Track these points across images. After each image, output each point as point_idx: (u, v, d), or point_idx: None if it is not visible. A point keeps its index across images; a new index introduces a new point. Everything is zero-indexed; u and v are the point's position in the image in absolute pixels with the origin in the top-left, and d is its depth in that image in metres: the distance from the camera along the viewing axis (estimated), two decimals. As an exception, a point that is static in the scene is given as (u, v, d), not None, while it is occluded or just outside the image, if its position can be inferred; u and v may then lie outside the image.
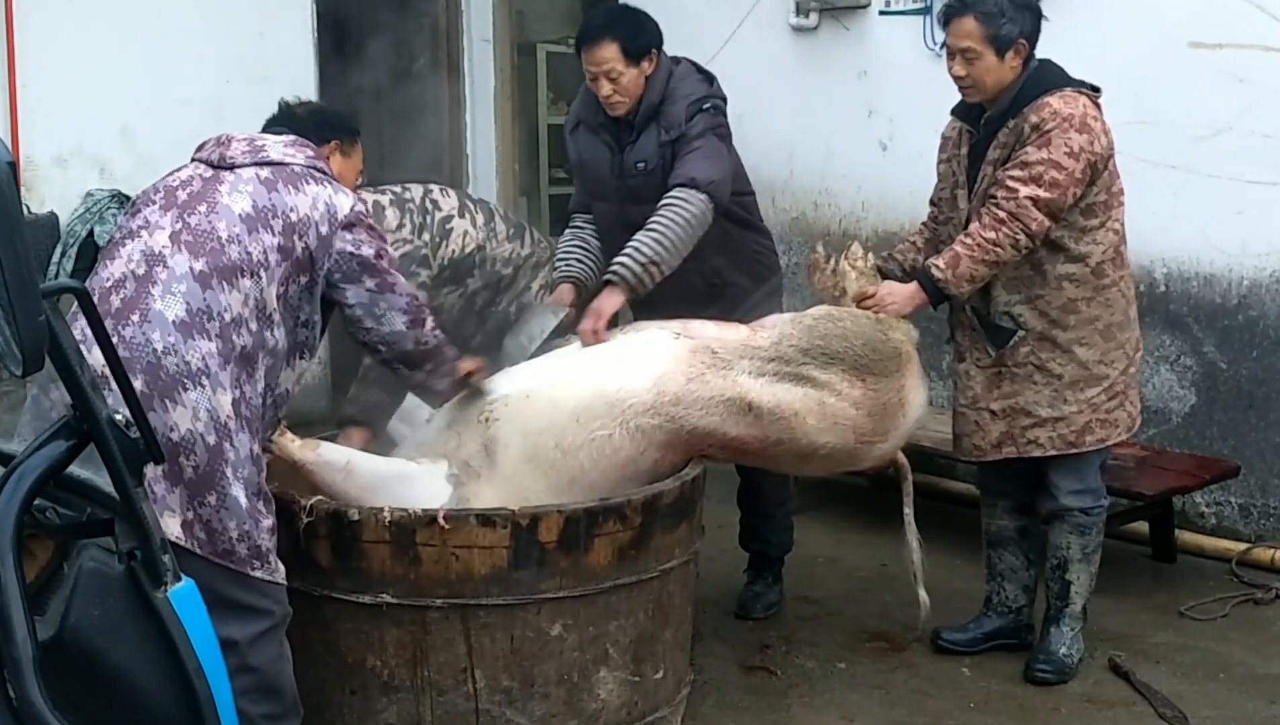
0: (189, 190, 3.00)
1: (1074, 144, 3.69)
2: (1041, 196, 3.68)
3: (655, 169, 4.00)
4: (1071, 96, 3.76)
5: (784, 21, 6.09)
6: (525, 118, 7.85)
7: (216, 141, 3.10)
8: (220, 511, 2.81)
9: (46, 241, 5.81)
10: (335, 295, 3.05)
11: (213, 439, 2.79)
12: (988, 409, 3.95)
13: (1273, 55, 4.76)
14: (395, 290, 3.10)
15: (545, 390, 3.49)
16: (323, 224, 2.97)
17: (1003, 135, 3.80)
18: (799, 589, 4.65)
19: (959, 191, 3.94)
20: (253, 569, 2.87)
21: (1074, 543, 3.96)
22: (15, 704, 1.93)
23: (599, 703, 3.36)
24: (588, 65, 4.02)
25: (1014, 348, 3.88)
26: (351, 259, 3.02)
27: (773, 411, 3.56)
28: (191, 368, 2.78)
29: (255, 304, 2.89)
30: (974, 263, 3.76)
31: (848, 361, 3.65)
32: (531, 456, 3.43)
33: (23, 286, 1.81)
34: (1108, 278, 3.84)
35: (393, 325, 3.12)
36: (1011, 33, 3.74)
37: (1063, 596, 4.01)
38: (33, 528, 2.12)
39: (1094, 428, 3.88)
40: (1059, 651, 3.99)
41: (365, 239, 3.04)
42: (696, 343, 3.60)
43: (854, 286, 3.92)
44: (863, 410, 3.67)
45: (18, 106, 5.75)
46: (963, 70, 3.81)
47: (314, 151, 3.11)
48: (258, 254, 2.90)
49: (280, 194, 2.96)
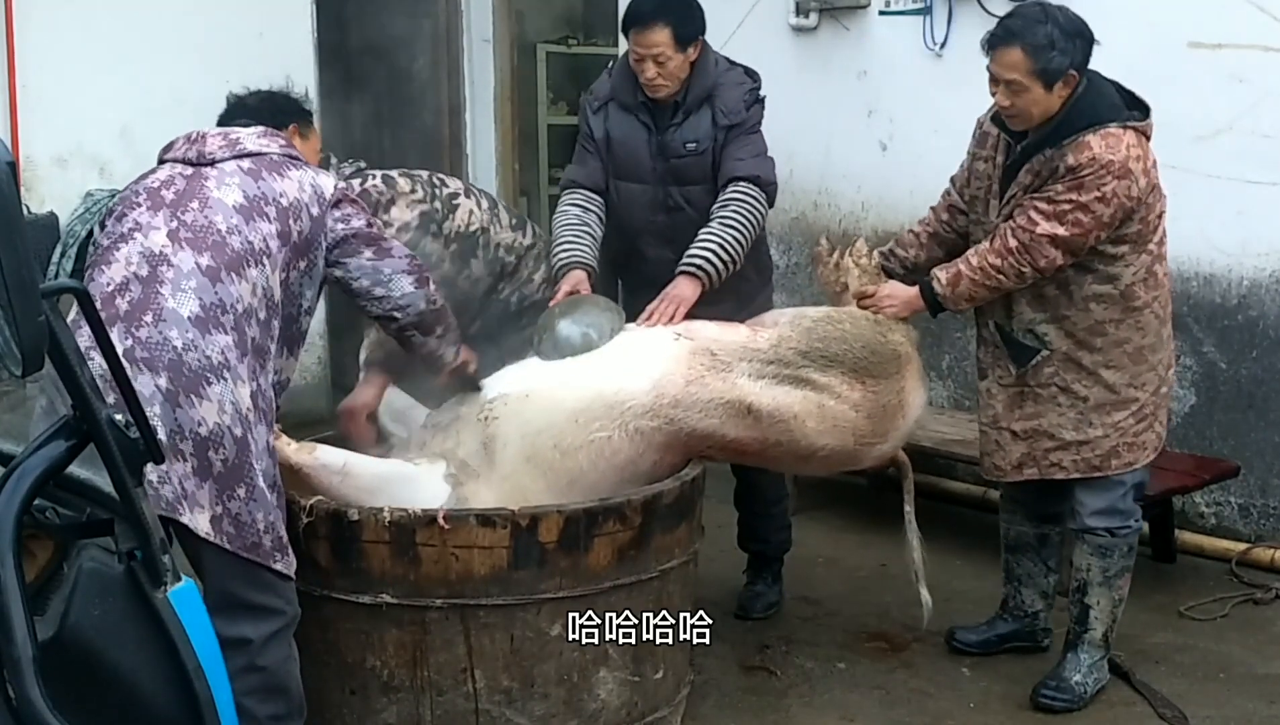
0: (174, 189, 3.00)
1: (1108, 190, 3.49)
2: (1060, 235, 3.53)
3: (706, 151, 4.02)
4: (1116, 136, 3.52)
5: (784, 21, 6.09)
6: (525, 118, 7.85)
7: (188, 139, 3.11)
8: (249, 503, 2.83)
9: (46, 241, 5.80)
10: (338, 271, 3.08)
11: (239, 431, 2.82)
12: (1009, 429, 3.83)
13: (1273, 55, 4.76)
14: (394, 253, 3.15)
15: (545, 390, 3.49)
16: (313, 205, 3.01)
17: (1037, 162, 3.62)
18: (799, 589, 4.65)
19: (991, 200, 3.79)
20: (275, 561, 2.90)
21: (1094, 565, 3.81)
22: (15, 704, 1.93)
23: (599, 703, 3.36)
24: (635, 46, 4.00)
25: (1037, 367, 3.75)
26: (345, 232, 3.06)
27: (772, 414, 3.55)
28: (213, 362, 2.80)
29: (264, 292, 2.92)
30: (974, 286, 3.69)
31: (847, 364, 3.64)
32: (531, 456, 3.42)
33: (23, 286, 1.81)
34: (1139, 300, 3.67)
35: (403, 287, 3.15)
36: (1062, 65, 3.49)
37: (1081, 621, 3.86)
38: (33, 528, 2.12)
39: (1121, 452, 3.74)
40: (1072, 678, 3.84)
41: (353, 213, 3.10)
42: (696, 344, 3.60)
43: (855, 284, 3.91)
44: (862, 412, 3.66)
45: (18, 106, 5.75)
46: (1008, 100, 3.57)
47: (284, 139, 3.14)
48: (259, 242, 2.92)
49: (267, 181, 2.98)
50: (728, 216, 3.89)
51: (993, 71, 3.59)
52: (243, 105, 3.32)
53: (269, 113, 3.25)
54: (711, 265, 3.83)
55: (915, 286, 3.84)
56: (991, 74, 3.60)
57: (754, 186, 3.94)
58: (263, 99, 3.34)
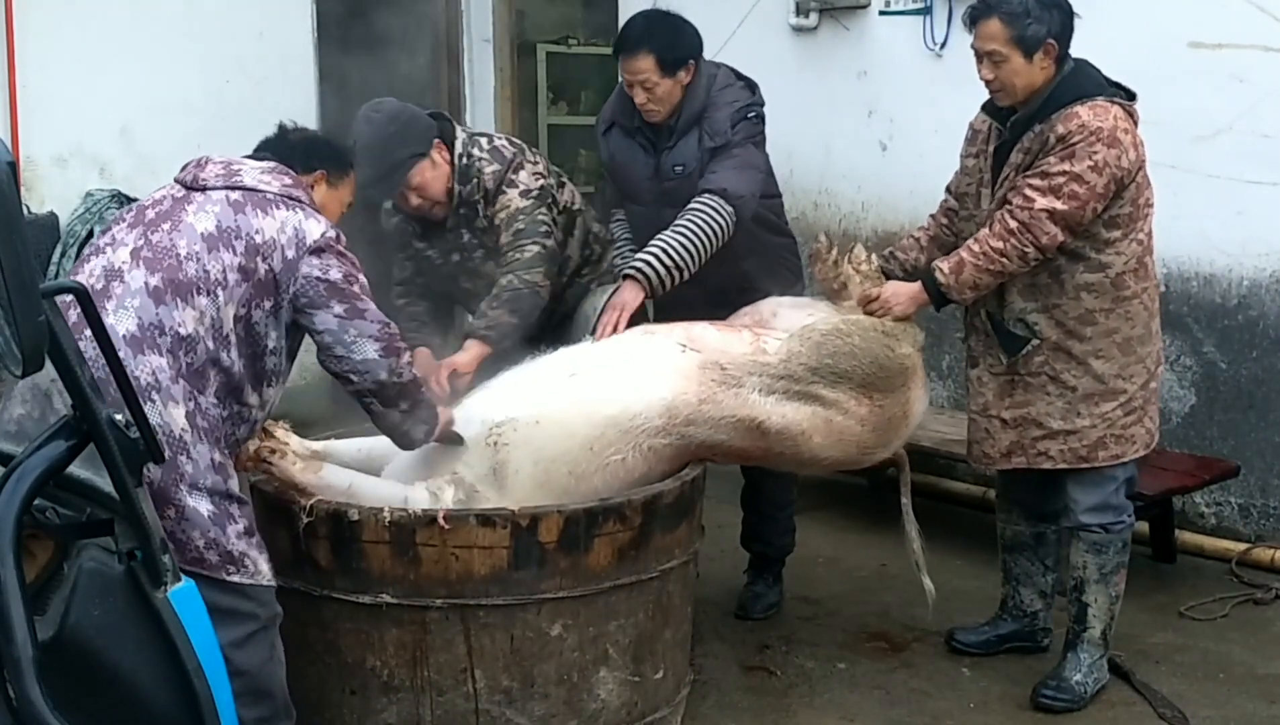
0: (158, 209, 2.99)
1: (1099, 158, 3.56)
2: (1059, 209, 3.58)
3: (694, 173, 4.03)
4: (1103, 108, 3.61)
5: (784, 21, 6.09)
6: (525, 118, 7.84)
7: (195, 163, 3.08)
8: (181, 523, 2.78)
9: (46, 241, 5.81)
10: (304, 321, 2.98)
11: (166, 454, 2.73)
12: (998, 417, 3.86)
13: (1273, 55, 4.76)
14: (365, 316, 2.99)
15: (556, 414, 3.43)
16: (289, 248, 2.92)
17: (1027, 140, 3.67)
18: (799, 589, 4.65)
19: (983, 190, 3.84)
20: (228, 574, 2.84)
21: (1090, 562, 3.83)
22: (15, 704, 1.93)
23: (599, 703, 3.36)
24: (624, 72, 4.03)
25: (1027, 356, 3.78)
26: (319, 283, 2.94)
27: (781, 431, 3.56)
28: (141, 383, 2.75)
29: (211, 322, 2.85)
30: (978, 271, 3.70)
31: (856, 380, 3.63)
32: (545, 483, 3.39)
33: (23, 286, 1.82)
34: (1129, 290, 3.70)
35: (364, 352, 3.01)
36: (1039, 33, 3.60)
37: (1080, 620, 3.87)
38: (33, 528, 2.12)
39: (1108, 443, 3.76)
40: (1072, 678, 3.84)
41: (334, 263, 2.96)
42: (704, 357, 3.56)
43: (857, 289, 3.88)
44: (868, 427, 3.67)
45: (18, 106, 5.75)
46: (990, 74, 3.67)
47: (291, 180, 3.06)
48: (216, 272, 2.86)
49: (247, 216, 2.92)
50: (680, 224, 3.89)
51: (975, 48, 3.71)
52: (284, 138, 3.26)
53: (301, 153, 3.18)
54: (652, 269, 3.83)
55: (918, 282, 3.85)
56: (975, 51, 3.71)
57: (717, 198, 3.92)
58: (304, 139, 3.27)
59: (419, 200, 3.91)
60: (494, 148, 3.94)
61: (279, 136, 3.27)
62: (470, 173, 3.91)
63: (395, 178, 3.84)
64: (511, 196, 3.89)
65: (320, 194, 3.17)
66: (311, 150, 3.22)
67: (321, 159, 3.22)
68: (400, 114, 3.92)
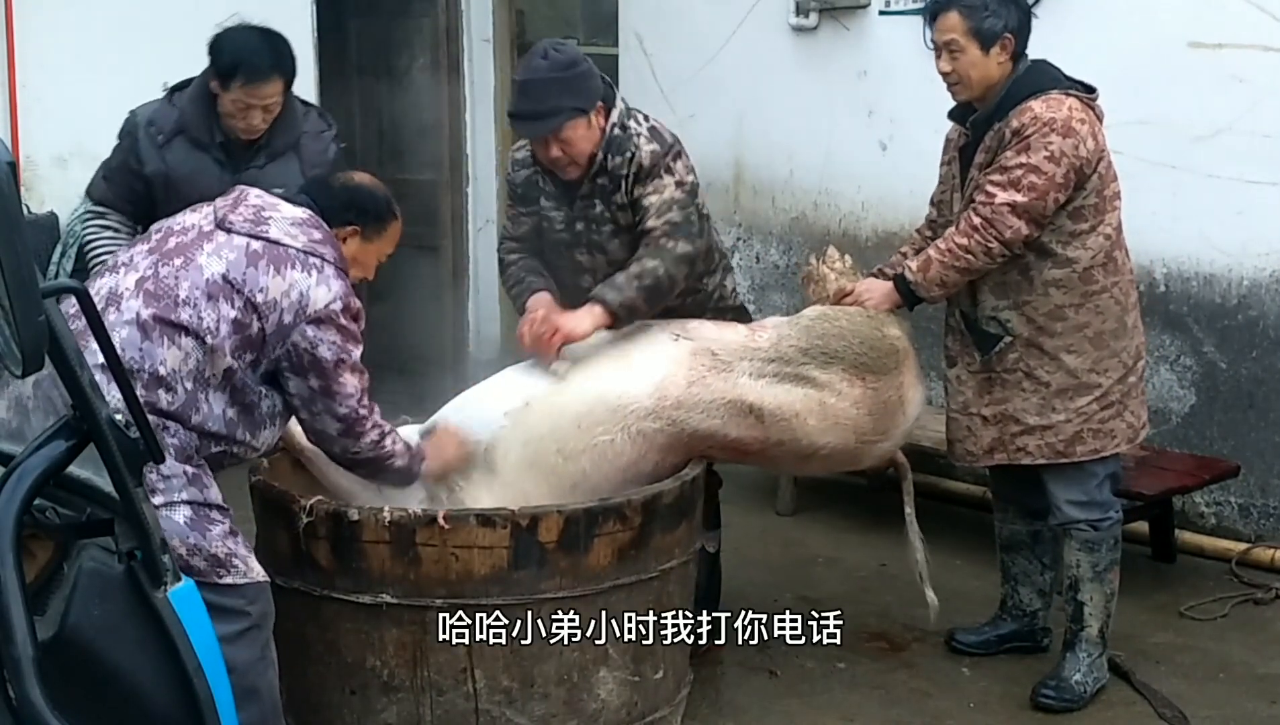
0: (181, 239, 2.96)
1: (1055, 148, 3.61)
2: (1019, 202, 3.62)
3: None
4: (1057, 100, 3.67)
5: (784, 21, 6.08)
6: (525, 118, 7.83)
7: (235, 197, 3.05)
8: None
9: (46, 241, 5.80)
10: (279, 378, 2.98)
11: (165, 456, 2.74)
12: (979, 415, 3.89)
13: (1273, 55, 4.76)
14: (337, 398, 2.99)
15: (545, 397, 3.48)
16: (288, 313, 2.90)
17: (988, 138, 3.73)
18: (799, 589, 4.65)
19: (956, 195, 3.90)
20: (219, 578, 2.85)
21: (1083, 560, 3.84)
22: (15, 704, 1.93)
23: (599, 703, 3.36)
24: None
25: (1002, 354, 3.82)
26: (305, 355, 2.93)
27: (774, 413, 3.56)
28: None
29: (195, 366, 2.85)
30: (944, 268, 3.74)
31: (847, 360, 3.65)
32: (533, 463, 3.43)
33: (23, 286, 1.81)
34: (1097, 284, 3.74)
35: (323, 426, 3.03)
36: (995, 26, 3.67)
37: (1076, 619, 3.89)
38: (33, 528, 2.12)
39: (1085, 438, 3.78)
40: (1071, 678, 3.87)
41: (330, 340, 2.94)
42: (696, 345, 3.60)
43: (833, 286, 3.93)
44: (863, 409, 3.67)
45: (18, 106, 5.75)
46: (948, 66, 3.74)
47: (321, 235, 3.00)
48: (210, 321, 2.85)
49: (257, 272, 2.89)
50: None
51: (935, 40, 3.77)
52: (326, 185, 3.19)
53: (340, 205, 3.11)
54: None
55: (891, 281, 3.88)
56: (934, 45, 3.78)
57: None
58: (349, 188, 3.19)
59: (559, 153, 3.69)
60: (653, 128, 3.75)
61: (322, 182, 3.22)
62: (624, 146, 3.70)
63: (551, 123, 3.64)
64: (667, 183, 3.69)
65: (353, 247, 3.12)
66: (351, 202, 3.14)
67: (359, 212, 3.15)
68: (579, 62, 3.72)
